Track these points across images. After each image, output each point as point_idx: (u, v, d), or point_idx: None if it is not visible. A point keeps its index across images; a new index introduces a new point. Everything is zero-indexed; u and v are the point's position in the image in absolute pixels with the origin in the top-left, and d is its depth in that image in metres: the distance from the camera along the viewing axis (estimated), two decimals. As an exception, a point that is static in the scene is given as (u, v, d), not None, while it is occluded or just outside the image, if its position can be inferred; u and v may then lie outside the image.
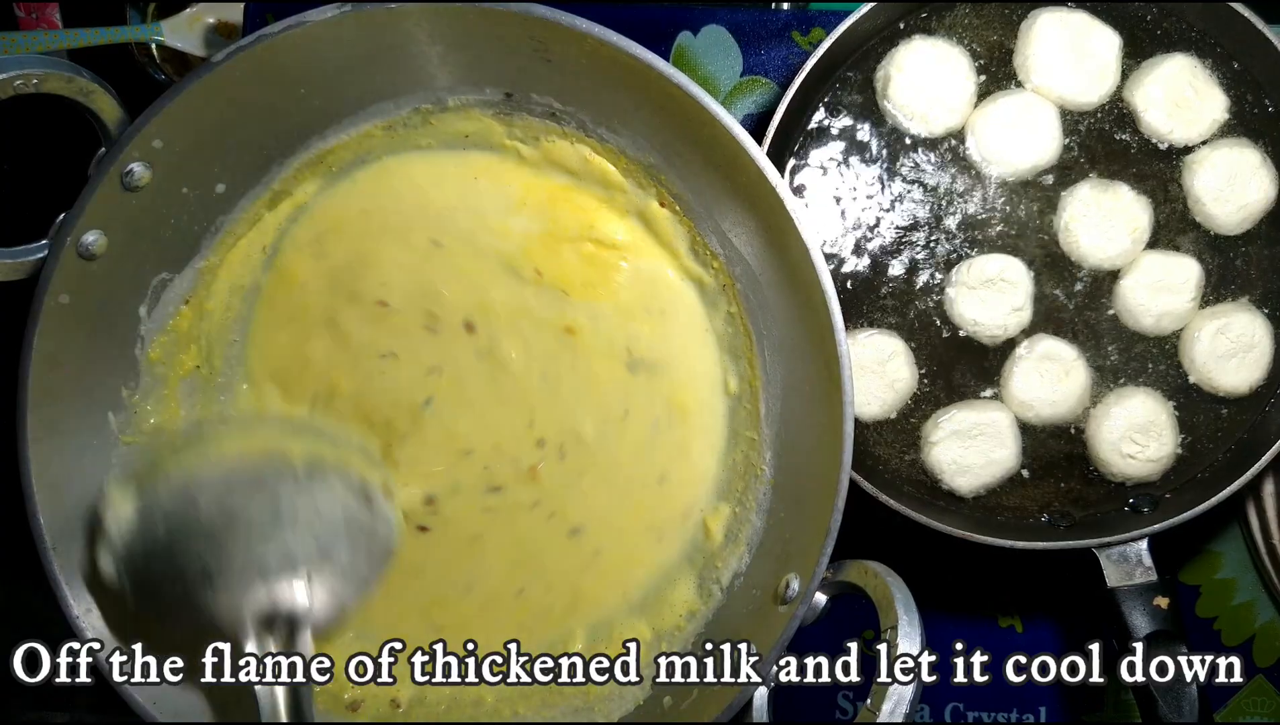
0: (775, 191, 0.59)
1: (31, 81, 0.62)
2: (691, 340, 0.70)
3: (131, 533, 0.59)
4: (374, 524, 0.62)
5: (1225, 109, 0.72)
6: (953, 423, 0.72)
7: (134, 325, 0.67)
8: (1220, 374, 0.72)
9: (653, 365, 0.69)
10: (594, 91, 0.64)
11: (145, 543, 0.59)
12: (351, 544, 0.61)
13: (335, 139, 0.67)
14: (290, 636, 0.57)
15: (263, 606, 0.57)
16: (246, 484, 0.60)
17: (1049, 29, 0.72)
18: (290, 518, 0.59)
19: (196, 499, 0.59)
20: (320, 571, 0.59)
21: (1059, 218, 0.73)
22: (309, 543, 0.59)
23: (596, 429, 0.69)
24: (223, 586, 0.57)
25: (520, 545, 0.70)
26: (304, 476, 0.61)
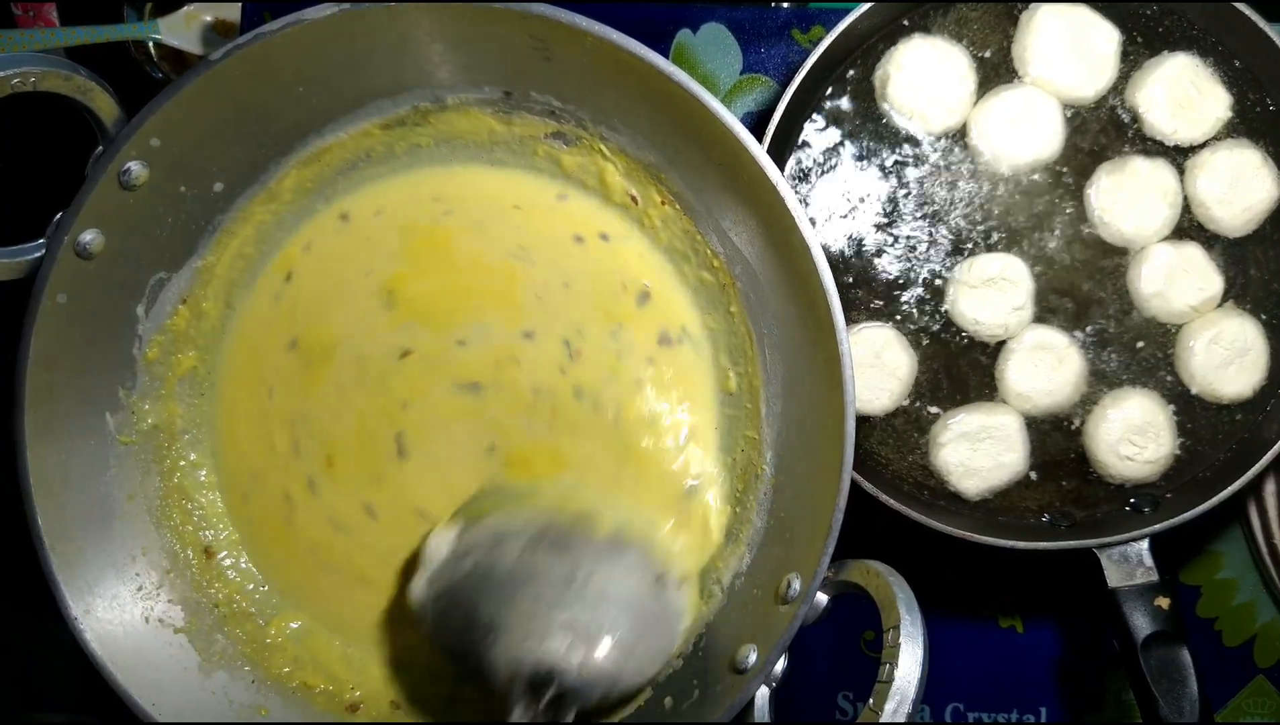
0: (775, 190, 0.59)
1: (29, 80, 0.62)
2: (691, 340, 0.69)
3: (445, 567, 0.61)
4: (661, 611, 0.61)
5: (1228, 107, 0.72)
6: (961, 425, 0.72)
7: (131, 325, 0.67)
8: (1221, 383, 0.71)
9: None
10: (594, 90, 0.63)
11: (451, 580, 0.60)
12: (635, 625, 0.59)
13: (333, 137, 0.67)
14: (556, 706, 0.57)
15: (535, 669, 0.57)
16: (552, 542, 0.60)
17: (1049, 21, 0.72)
18: (581, 587, 0.59)
19: (504, 548, 0.60)
20: (597, 645, 0.57)
21: (1091, 210, 0.72)
22: (594, 615, 0.58)
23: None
24: (504, 642, 0.58)
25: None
26: (605, 547, 0.61)
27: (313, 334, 0.70)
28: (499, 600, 0.58)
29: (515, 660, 0.57)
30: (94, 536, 0.65)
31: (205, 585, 0.70)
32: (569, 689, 0.57)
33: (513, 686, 0.57)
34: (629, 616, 0.59)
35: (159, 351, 0.68)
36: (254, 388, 0.71)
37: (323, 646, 0.71)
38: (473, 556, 0.61)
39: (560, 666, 0.57)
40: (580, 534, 0.61)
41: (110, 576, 0.66)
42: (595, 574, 0.59)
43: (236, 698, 0.68)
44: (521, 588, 0.59)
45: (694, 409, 0.68)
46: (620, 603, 0.59)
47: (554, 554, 0.60)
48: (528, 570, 0.59)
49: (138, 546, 0.67)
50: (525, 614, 0.58)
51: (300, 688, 0.70)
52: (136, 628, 0.66)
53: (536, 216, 0.69)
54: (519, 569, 0.59)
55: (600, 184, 0.68)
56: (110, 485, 0.67)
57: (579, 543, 0.61)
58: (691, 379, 0.68)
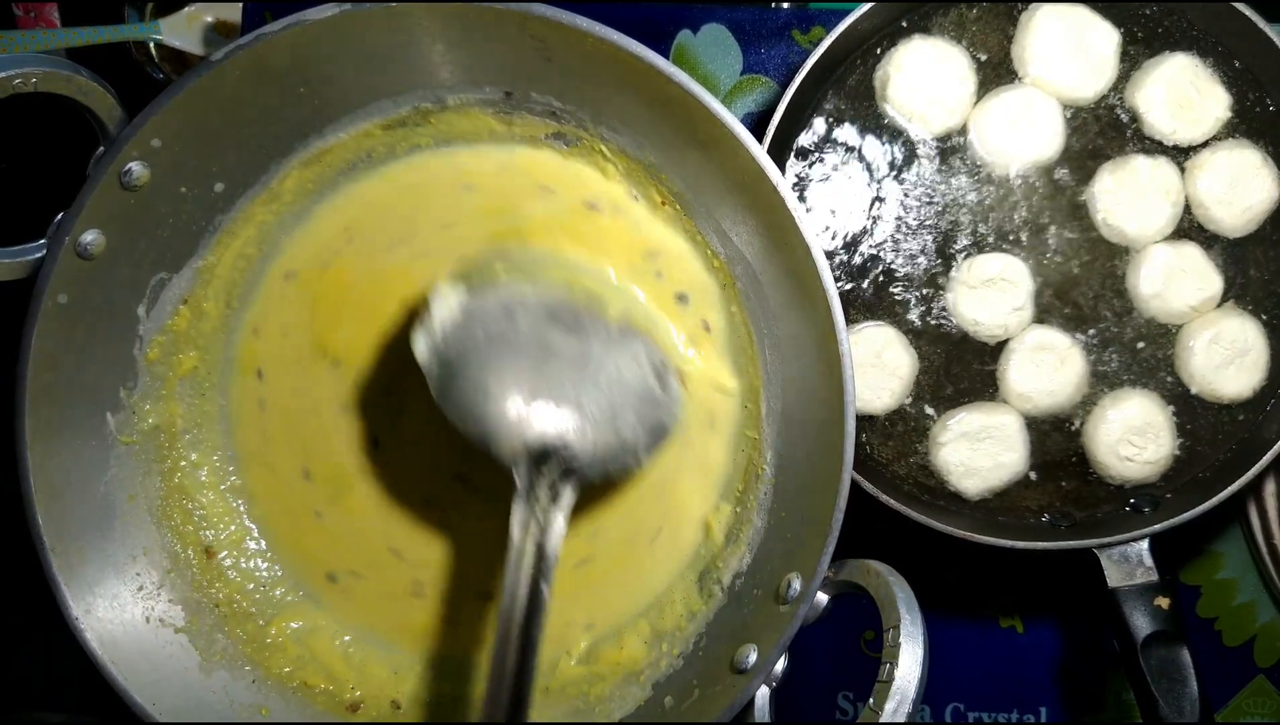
0: (776, 190, 0.59)
1: (30, 80, 0.62)
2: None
3: (454, 328, 0.60)
4: (662, 400, 0.62)
5: (1228, 107, 0.72)
6: (961, 425, 0.72)
7: (132, 325, 0.67)
8: (1221, 383, 0.72)
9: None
10: (594, 90, 0.63)
11: (463, 341, 0.60)
12: (639, 411, 0.61)
13: (334, 138, 0.67)
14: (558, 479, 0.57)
15: (542, 439, 0.58)
16: (564, 320, 0.60)
17: (1048, 22, 0.72)
18: (595, 367, 0.60)
19: (517, 317, 0.60)
20: (602, 431, 0.59)
21: (1094, 210, 0.72)
22: (604, 396, 0.59)
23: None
24: (513, 407, 0.58)
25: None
26: (616, 333, 0.61)
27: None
28: (515, 369, 0.59)
29: (525, 429, 0.58)
30: (94, 536, 0.65)
31: (206, 585, 0.70)
32: (574, 465, 0.58)
33: (519, 453, 0.58)
34: (635, 402, 0.60)
35: (160, 352, 0.68)
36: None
37: (324, 646, 0.71)
38: (482, 321, 0.60)
39: (568, 441, 0.58)
40: (591, 316, 0.62)
41: (110, 576, 0.66)
42: (607, 358, 0.60)
43: (237, 697, 0.68)
44: (537, 359, 0.59)
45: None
46: (627, 387, 0.60)
47: (567, 332, 0.60)
48: (544, 344, 0.60)
49: (138, 546, 0.67)
50: (540, 387, 0.59)
51: (301, 687, 0.70)
52: (137, 627, 0.66)
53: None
54: (533, 341, 0.60)
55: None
56: (111, 485, 0.67)
57: (591, 325, 0.61)
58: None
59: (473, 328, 0.60)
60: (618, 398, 0.60)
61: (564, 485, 0.57)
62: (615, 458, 0.60)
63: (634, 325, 0.63)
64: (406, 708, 0.71)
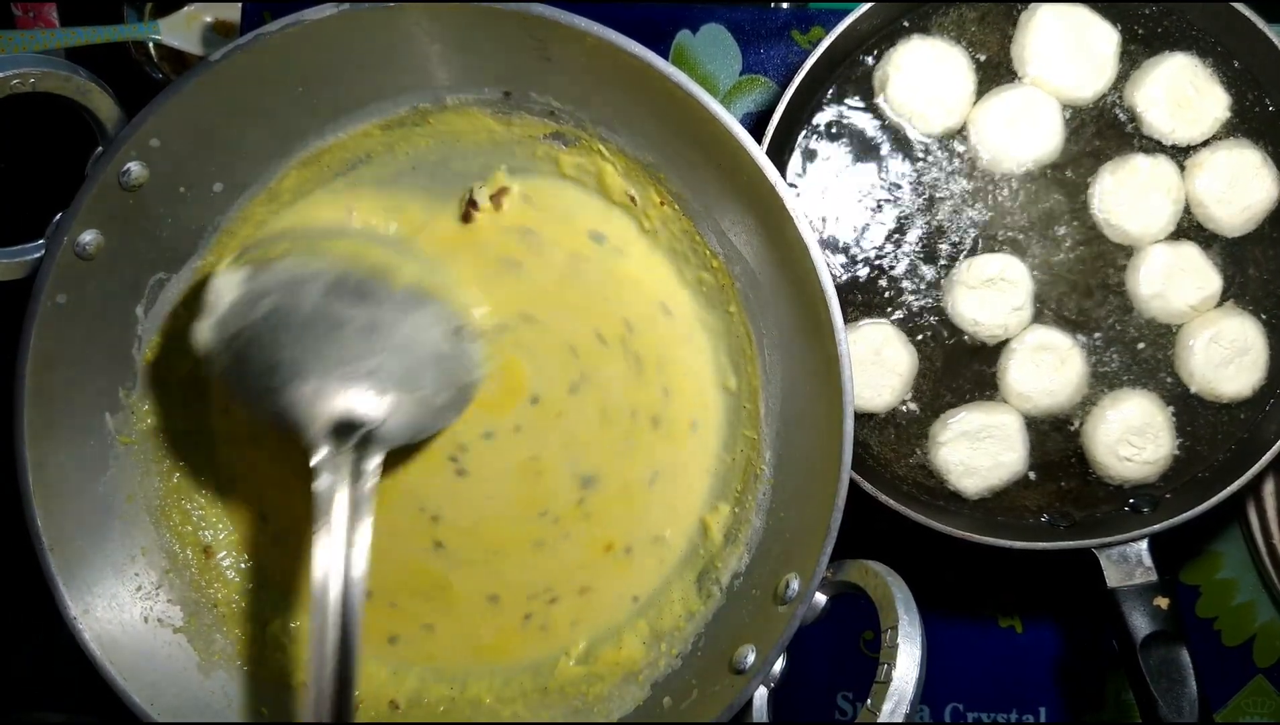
0: (774, 190, 0.59)
1: (29, 80, 0.62)
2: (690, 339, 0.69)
3: (236, 309, 0.59)
4: (460, 360, 0.63)
5: (1227, 107, 0.72)
6: (961, 424, 0.72)
7: (131, 326, 0.67)
8: (1221, 382, 0.71)
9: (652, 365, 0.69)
10: (593, 90, 0.63)
11: (246, 322, 0.59)
12: (435, 374, 0.61)
13: (333, 138, 0.67)
14: (359, 449, 0.57)
15: (340, 413, 0.57)
16: (352, 292, 0.60)
17: (1048, 21, 0.72)
18: (385, 335, 0.60)
19: (301, 292, 0.59)
20: (402, 395, 0.59)
21: (1094, 209, 0.72)
22: (396, 362, 0.59)
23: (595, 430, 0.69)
24: (308, 384, 0.58)
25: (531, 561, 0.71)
26: (406, 298, 0.61)
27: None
28: (301, 344, 0.59)
29: (317, 403, 0.58)
30: (93, 536, 0.65)
31: (204, 585, 0.70)
32: (374, 432, 0.58)
33: (315, 431, 0.57)
34: (430, 365, 0.61)
35: (158, 352, 0.68)
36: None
37: (322, 646, 0.71)
38: (269, 299, 0.59)
39: (362, 411, 0.58)
40: (378, 284, 0.61)
41: (109, 576, 0.66)
42: (398, 323, 0.60)
43: (235, 697, 0.68)
44: (325, 333, 0.59)
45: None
46: (422, 352, 0.61)
47: (355, 302, 0.60)
48: (330, 316, 0.59)
49: (137, 546, 0.68)
50: (330, 359, 0.58)
51: (300, 687, 0.70)
52: (135, 627, 0.66)
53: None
54: (320, 314, 0.59)
55: (599, 184, 0.68)
56: (109, 485, 0.67)
57: (378, 293, 0.61)
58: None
59: (256, 308, 0.59)
60: (412, 360, 0.60)
61: (367, 452, 0.57)
62: (417, 418, 0.60)
63: (425, 290, 0.63)
64: (405, 708, 0.71)
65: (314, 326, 0.59)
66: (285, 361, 0.58)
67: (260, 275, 0.60)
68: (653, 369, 0.69)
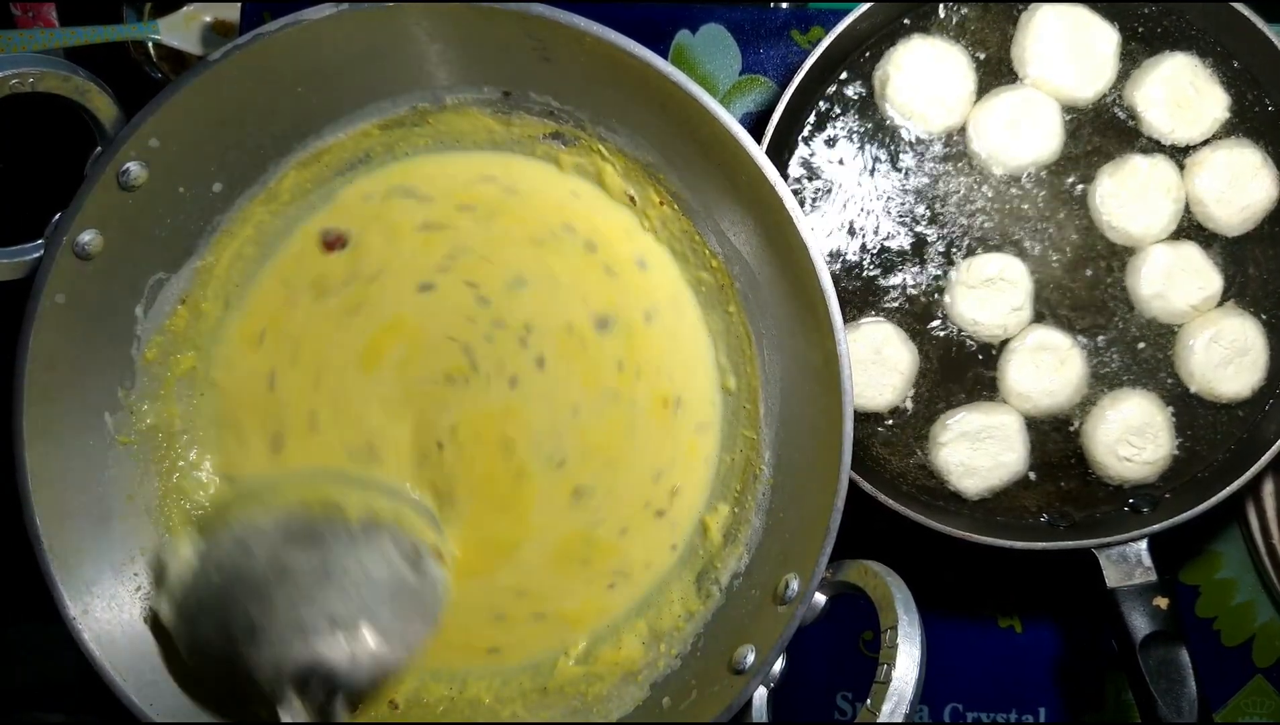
0: (774, 190, 0.59)
1: (28, 80, 0.62)
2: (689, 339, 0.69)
3: (190, 581, 0.60)
4: (421, 587, 0.62)
5: (1226, 107, 0.72)
6: (961, 424, 0.72)
7: (130, 325, 0.67)
8: (1220, 382, 0.71)
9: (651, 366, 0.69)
10: (592, 90, 0.63)
11: (200, 592, 0.60)
12: (395, 607, 0.60)
13: (332, 138, 0.67)
14: (326, 699, 0.57)
15: (300, 666, 0.57)
16: (301, 537, 0.60)
17: (1048, 21, 0.72)
18: (339, 576, 0.59)
19: (252, 550, 0.59)
20: (359, 634, 0.58)
21: (1095, 211, 0.72)
22: (353, 603, 0.59)
23: (595, 429, 0.69)
24: (265, 642, 0.57)
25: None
26: (358, 533, 0.61)
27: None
28: (255, 603, 0.58)
29: (278, 660, 0.57)
30: (92, 536, 0.65)
31: (204, 585, 0.70)
32: (337, 681, 0.57)
33: (280, 687, 0.57)
34: (388, 599, 0.60)
35: (158, 352, 0.68)
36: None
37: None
38: (220, 564, 0.60)
39: (324, 659, 0.57)
40: (328, 523, 0.61)
41: (108, 576, 0.65)
42: (349, 561, 0.60)
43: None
44: (276, 587, 0.58)
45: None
46: (377, 586, 0.60)
47: (304, 548, 0.60)
48: (280, 568, 0.59)
49: (136, 546, 0.67)
50: (283, 612, 0.58)
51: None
52: (135, 628, 0.66)
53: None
54: (271, 569, 0.59)
55: (599, 184, 0.68)
56: (109, 485, 0.67)
57: (329, 532, 0.61)
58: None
59: (208, 576, 0.60)
60: (368, 597, 0.59)
61: (331, 703, 0.57)
62: (376, 658, 0.59)
63: (378, 519, 0.62)
64: (404, 708, 0.70)
65: (264, 583, 0.59)
66: (241, 623, 0.58)
67: (212, 539, 0.61)
68: (652, 371, 0.69)
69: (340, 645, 0.58)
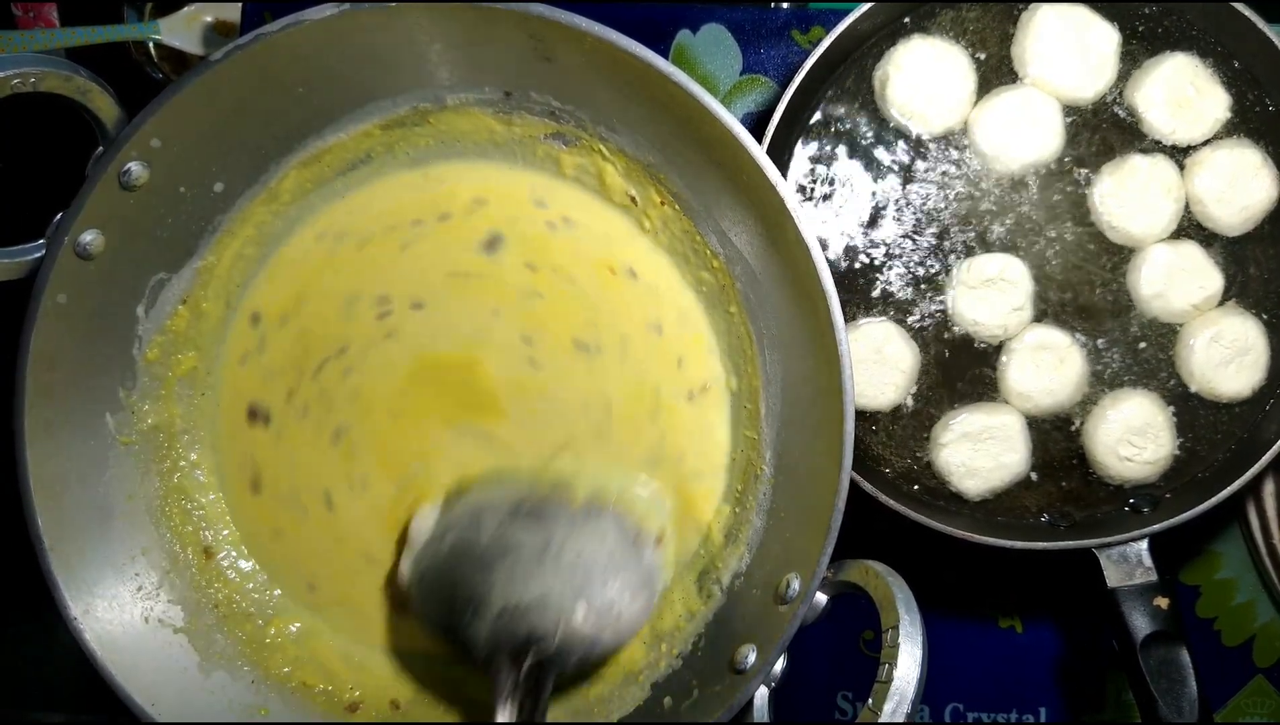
0: (775, 190, 0.59)
1: (29, 80, 0.62)
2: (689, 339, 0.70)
3: (428, 547, 0.62)
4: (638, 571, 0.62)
5: (1227, 107, 0.72)
6: (963, 425, 0.72)
7: (131, 326, 0.67)
8: (1221, 382, 0.71)
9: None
10: (593, 90, 0.63)
11: (434, 557, 0.62)
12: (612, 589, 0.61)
13: (333, 138, 0.67)
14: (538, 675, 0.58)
15: (512, 645, 0.58)
16: (527, 515, 0.62)
17: (1048, 21, 0.72)
18: (556, 555, 0.60)
19: (483, 523, 0.61)
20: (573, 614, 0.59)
21: (1095, 211, 0.72)
22: (570, 584, 0.60)
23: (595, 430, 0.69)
24: (484, 616, 0.59)
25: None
26: (580, 514, 0.62)
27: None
28: (478, 575, 0.60)
29: (494, 633, 0.59)
30: (93, 536, 0.65)
31: (205, 585, 0.70)
32: (547, 657, 0.58)
33: (493, 659, 0.58)
34: (605, 580, 0.61)
35: (159, 352, 0.68)
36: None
37: (323, 646, 0.71)
38: (452, 534, 0.62)
39: (536, 635, 0.58)
40: (555, 503, 0.63)
41: (110, 576, 0.66)
42: (569, 541, 0.61)
43: (236, 698, 0.68)
44: (499, 561, 0.60)
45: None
46: (595, 567, 0.61)
47: (530, 525, 0.61)
48: (504, 543, 0.60)
49: (137, 546, 0.68)
50: (503, 586, 0.59)
51: (300, 688, 0.70)
52: (136, 628, 0.66)
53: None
54: (496, 543, 0.61)
55: (600, 184, 0.68)
56: (110, 485, 0.67)
57: (554, 511, 0.62)
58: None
59: (442, 543, 0.62)
60: (583, 580, 0.60)
61: (541, 679, 0.58)
62: (588, 640, 0.60)
63: (601, 502, 0.63)
64: (406, 708, 0.71)
65: (490, 555, 0.60)
66: (464, 593, 0.60)
67: (450, 511, 0.63)
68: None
69: (551, 622, 0.59)
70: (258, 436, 0.70)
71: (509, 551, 0.60)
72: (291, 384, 0.70)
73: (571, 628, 0.59)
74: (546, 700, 0.58)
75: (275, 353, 0.70)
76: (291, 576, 0.71)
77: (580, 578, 0.60)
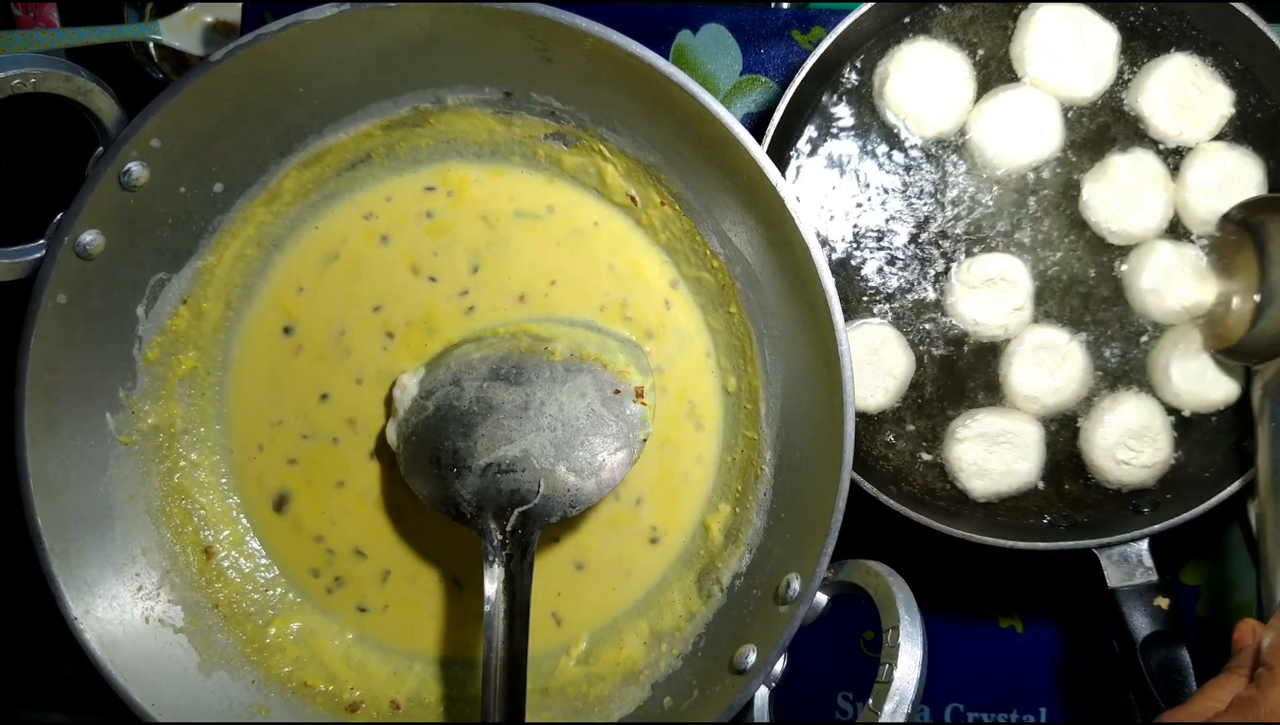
0: (775, 190, 0.59)
1: (29, 80, 0.62)
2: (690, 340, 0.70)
3: (411, 409, 0.64)
4: (618, 425, 0.63)
5: (1230, 104, 0.72)
6: (981, 424, 0.72)
7: (132, 325, 0.67)
8: (1206, 390, 0.71)
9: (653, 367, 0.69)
10: (594, 90, 0.63)
11: (418, 420, 0.64)
12: (592, 442, 0.62)
13: (334, 138, 0.67)
14: (522, 529, 0.60)
15: (497, 496, 0.61)
16: (508, 374, 0.64)
17: (1048, 20, 0.72)
18: (537, 412, 0.62)
19: (463, 383, 0.64)
20: (554, 467, 0.61)
21: (1094, 209, 0.72)
22: (548, 439, 0.62)
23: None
24: (466, 475, 0.62)
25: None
26: (560, 371, 0.64)
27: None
28: (461, 434, 0.62)
29: (479, 490, 0.61)
30: (94, 537, 0.65)
31: (205, 585, 0.70)
32: (531, 511, 0.61)
33: (480, 517, 0.61)
34: (585, 434, 0.62)
35: (159, 352, 0.68)
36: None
37: (323, 647, 0.71)
38: (435, 397, 0.64)
39: (519, 490, 0.61)
40: (535, 361, 0.64)
41: (110, 577, 0.66)
42: (549, 398, 0.63)
43: (236, 698, 0.68)
44: (481, 420, 0.62)
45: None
46: (575, 422, 0.62)
47: (509, 384, 0.63)
48: (486, 402, 0.63)
49: (137, 547, 0.68)
50: (486, 444, 0.62)
51: (300, 688, 0.70)
52: (136, 628, 0.66)
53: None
54: (477, 402, 0.63)
55: (600, 184, 0.68)
56: (110, 485, 0.67)
57: (534, 370, 0.64)
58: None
59: (425, 404, 0.64)
60: (563, 434, 0.62)
61: (526, 533, 0.60)
62: (570, 493, 0.62)
63: (581, 358, 0.64)
64: (406, 708, 0.71)
65: (470, 414, 0.63)
66: (448, 452, 0.63)
67: (431, 374, 0.65)
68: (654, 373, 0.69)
69: (533, 476, 0.61)
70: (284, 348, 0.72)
71: (491, 411, 0.62)
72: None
73: (554, 481, 0.61)
74: (533, 553, 0.60)
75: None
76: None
77: (561, 432, 0.62)
